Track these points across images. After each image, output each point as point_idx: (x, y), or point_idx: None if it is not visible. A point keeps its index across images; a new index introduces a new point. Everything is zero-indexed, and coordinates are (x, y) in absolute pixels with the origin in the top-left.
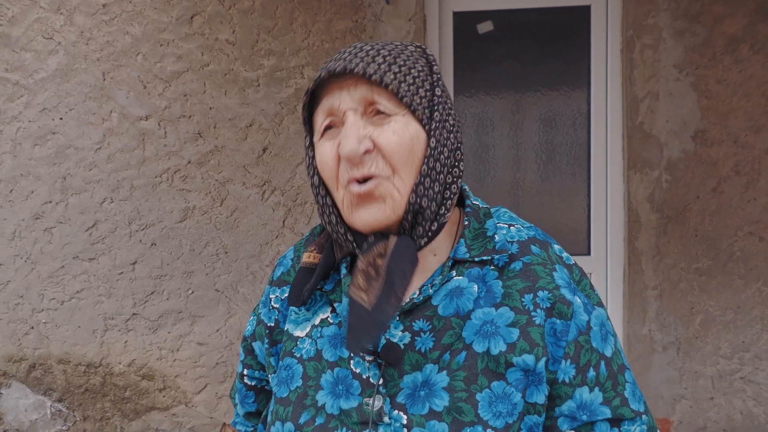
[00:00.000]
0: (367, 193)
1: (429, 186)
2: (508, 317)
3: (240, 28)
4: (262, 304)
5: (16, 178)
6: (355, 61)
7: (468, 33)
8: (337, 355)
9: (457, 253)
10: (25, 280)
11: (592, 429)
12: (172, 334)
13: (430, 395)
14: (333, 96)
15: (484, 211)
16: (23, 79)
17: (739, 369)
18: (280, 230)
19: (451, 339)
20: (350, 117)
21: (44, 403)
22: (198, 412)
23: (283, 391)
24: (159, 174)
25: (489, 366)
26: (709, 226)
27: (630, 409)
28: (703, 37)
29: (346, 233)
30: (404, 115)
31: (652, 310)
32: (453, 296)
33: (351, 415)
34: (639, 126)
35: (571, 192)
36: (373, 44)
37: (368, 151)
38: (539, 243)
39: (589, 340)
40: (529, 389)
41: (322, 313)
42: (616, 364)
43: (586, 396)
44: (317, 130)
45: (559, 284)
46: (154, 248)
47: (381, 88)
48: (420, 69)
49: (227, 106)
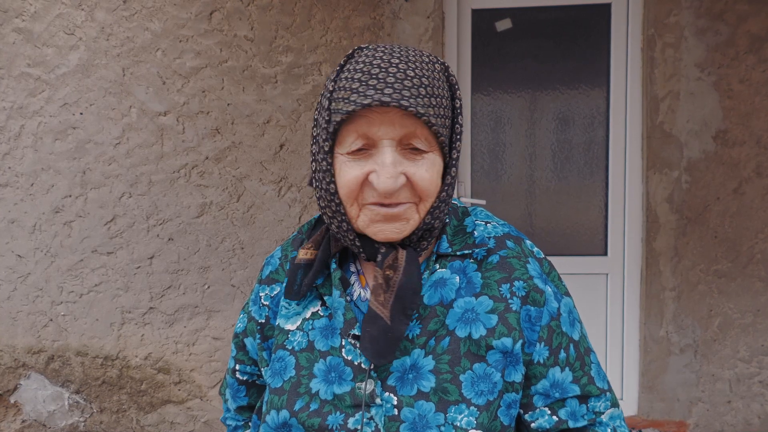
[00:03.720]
0: (396, 216)
1: (442, 209)
2: (488, 305)
3: (258, 24)
4: (252, 302)
5: (37, 172)
6: (405, 93)
7: (486, 31)
8: (329, 344)
9: (440, 248)
10: (44, 273)
11: (563, 405)
12: (188, 328)
13: (417, 378)
14: (372, 123)
15: (462, 210)
16: (45, 75)
17: (758, 373)
18: (296, 226)
19: (436, 326)
20: (387, 150)
21: (62, 395)
22: (213, 406)
23: (277, 381)
24: (177, 169)
25: (471, 349)
26: (729, 227)
27: (596, 387)
28: (726, 35)
29: (355, 239)
30: (434, 152)
31: (670, 312)
32: (437, 287)
33: (344, 399)
34: (659, 126)
35: (588, 191)
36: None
37: (402, 186)
38: (513, 238)
39: (560, 325)
40: (508, 369)
41: (313, 307)
42: (583, 347)
43: (558, 375)
44: (345, 144)
45: (533, 275)
46: (172, 243)
47: (422, 124)
48: (446, 97)
49: (245, 103)
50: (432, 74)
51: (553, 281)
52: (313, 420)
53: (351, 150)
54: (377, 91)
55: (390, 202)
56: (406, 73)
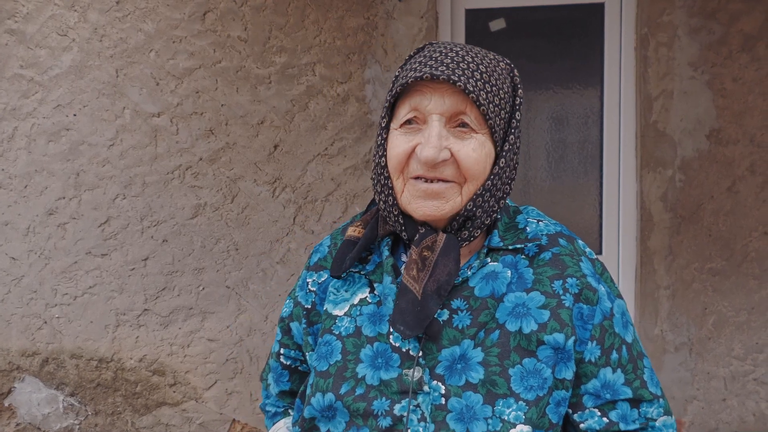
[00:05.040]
0: (435, 193)
1: (487, 199)
2: (539, 300)
3: (252, 25)
4: (298, 287)
5: (31, 174)
6: (457, 71)
7: (480, 30)
8: (377, 330)
9: (492, 242)
10: (38, 275)
11: (614, 407)
12: (183, 330)
13: (466, 368)
14: (424, 96)
15: (513, 208)
16: (38, 76)
17: (753, 370)
18: (290, 227)
19: (486, 318)
20: (435, 123)
21: (56, 398)
22: (208, 408)
23: (323, 365)
24: (171, 171)
25: (521, 344)
26: (723, 226)
27: (649, 391)
28: (720, 34)
29: (399, 216)
30: (484, 134)
31: (665, 310)
32: (489, 279)
33: (391, 385)
34: (653, 125)
35: (583, 191)
36: (470, 51)
37: (444, 161)
38: (566, 237)
39: (612, 325)
40: (558, 366)
41: (361, 293)
42: (636, 350)
43: (609, 376)
44: (398, 118)
45: (586, 273)
46: (166, 245)
47: (472, 104)
48: (506, 91)
49: (239, 103)
50: (492, 67)
51: (606, 282)
52: (359, 404)
53: (402, 122)
54: (432, 67)
55: (432, 177)
56: (464, 58)
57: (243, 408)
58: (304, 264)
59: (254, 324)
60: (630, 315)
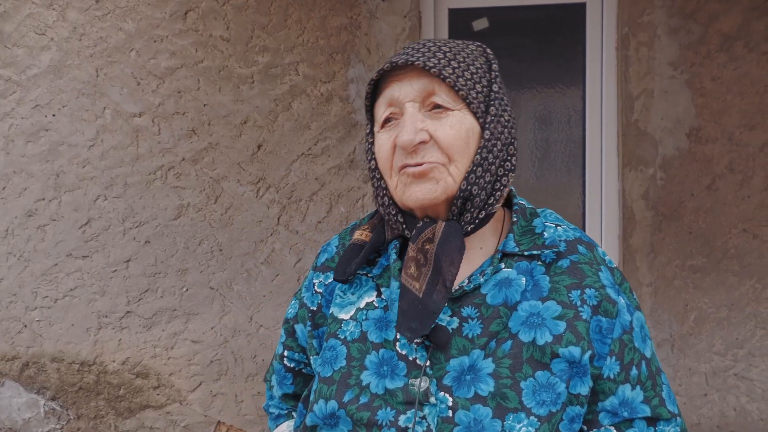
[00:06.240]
0: (421, 172)
1: (481, 175)
2: (555, 310)
3: (234, 24)
4: (305, 288)
5: (9, 175)
6: (417, 55)
7: (463, 30)
8: (383, 337)
9: (506, 246)
10: (18, 278)
11: (631, 425)
12: (167, 332)
13: (475, 380)
14: (394, 88)
15: (531, 210)
16: (15, 75)
17: (733, 366)
18: (274, 228)
19: (498, 327)
20: (409, 109)
21: (37, 402)
22: (192, 410)
23: (327, 371)
24: (153, 171)
25: (534, 356)
26: (703, 223)
27: (667, 410)
28: (698, 34)
29: (397, 215)
30: (461, 110)
31: (647, 307)
32: (502, 286)
33: (396, 395)
34: (634, 123)
35: (566, 189)
36: (436, 41)
37: (423, 142)
38: (585, 244)
39: (632, 340)
40: (573, 380)
41: (368, 297)
42: (654, 366)
43: (628, 393)
44: (378, 120)
45: (605, 284)
46: (148, 246)
47: (440, 81)
48: (479, 66)
49: (221, 103)
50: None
51: (625, 293)
52: (362, 414)
53: (382, 122)
54: (398, 57)
55: (416, 162)
56: (425, 44)
57: (228, 409)
58: (288, 264)
59: (239, 325)
60: (648, 328)
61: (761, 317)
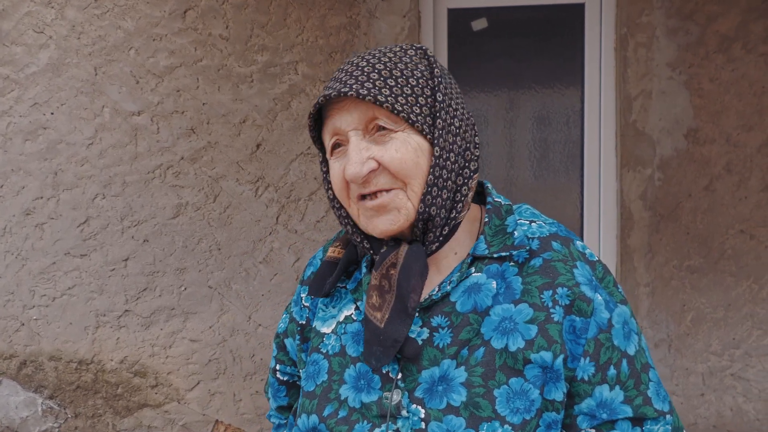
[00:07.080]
0: (380, 206)
1: (437, 194)
2: (527, 314)
3: (233, 23)
4: (293, 302)
5: (7, 173)
6: (350, 82)
7: (462, 30)
8: (359, 350)
9: (477, 249)
10: (16, 276)
11: (612, 427)
12: (165, 330)
13: (447, 390)
14: (335, 118)
15: (506, 207)
16: (14, 74)
17: (730, 366)
18: (273, 227)
19: (469, 335)
20: (352, 139)
21: (35, 401)
22: (190, 409)
23: (309, 385)
24: (151, 170)
25: (507, 362)
26: (701, 224)
27: (653, 408)
28: (696, 35)
29: (363, 240)
30: (404, 131)
31: (644, 308)
32: (471, 292)
33: (371, 408)
34: (632, 124)
35: (564, 190)
36: (371, 57)
37: (372, 171)
38: (561, 239)
39: (611, 338)
40: (547, 386)
41: (347, 310)
42: (640, 363)
43: (606, 394)
44: (327, 148)
45: (580, 281)
46: (147, 245)
47: (378, 107)
48: (419, 76)
49: (220, 102)
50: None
51: (607, 288)
52: (341, 428)
53: (330, 149)
54: (327, 89)
55: (370, 191)
56: (358, 65)
57: (226, 408)
58: (287, 263)
59: (237, 324)
60: (635, 322)
61: (758, 317)
